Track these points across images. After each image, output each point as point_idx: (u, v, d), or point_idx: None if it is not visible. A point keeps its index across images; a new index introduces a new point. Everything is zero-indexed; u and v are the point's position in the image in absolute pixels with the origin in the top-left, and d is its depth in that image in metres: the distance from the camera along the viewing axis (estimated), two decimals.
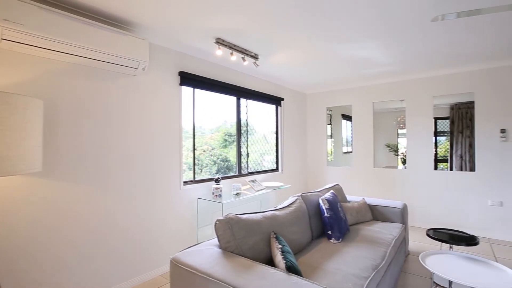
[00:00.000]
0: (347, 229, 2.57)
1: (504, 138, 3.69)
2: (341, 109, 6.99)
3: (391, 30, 2.61)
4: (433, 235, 2.66)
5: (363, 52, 3.22)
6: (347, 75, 4.28)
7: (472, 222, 3.91)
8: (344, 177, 5.04)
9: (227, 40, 2.82)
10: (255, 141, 4.41)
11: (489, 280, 1.96)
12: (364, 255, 2.08)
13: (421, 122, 4.31)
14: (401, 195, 4.46)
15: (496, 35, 2.78)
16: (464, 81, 3.98)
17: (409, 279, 2.65)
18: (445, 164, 7.29)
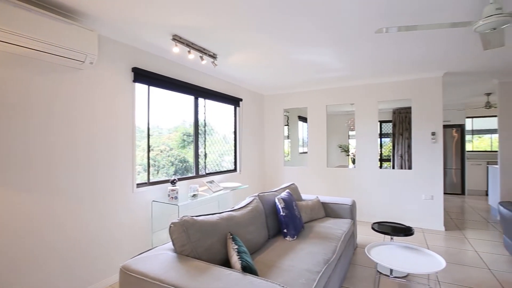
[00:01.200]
0: (302, 226, 2.69)
1: (434, 140, 4.18)
2: (297, 111, 7.27)
3: (343, 38, 2.79)
4: (377, 228, 2.91)
5: (318, 57, 3.38)
6: (303, 79, 4.46)
7: (409, 214, 4.35)
8: (300, 176, 5.25)
9: (185, 37, 2.75)
10: (214, 142, 4.37)
11: (421, 265, 2.21)
12: (317, 250, 2.19)
13: (368, 125, 4.67)
14: (351, 192, 4.78)
15: (427, 50, 3.13)
16: (404, 88, 4.41)
17: (357, 270, 2.85)
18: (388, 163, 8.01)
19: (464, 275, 2.75)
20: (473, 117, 7.22)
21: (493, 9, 1.74)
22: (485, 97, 5.93)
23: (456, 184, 6.96)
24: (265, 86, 5.01)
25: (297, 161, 7.05)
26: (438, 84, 4.16)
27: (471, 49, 3.13)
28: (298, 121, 7.42)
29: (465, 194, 6.89)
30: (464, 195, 6.88)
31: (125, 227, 2.81)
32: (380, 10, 2.21)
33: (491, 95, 5.75)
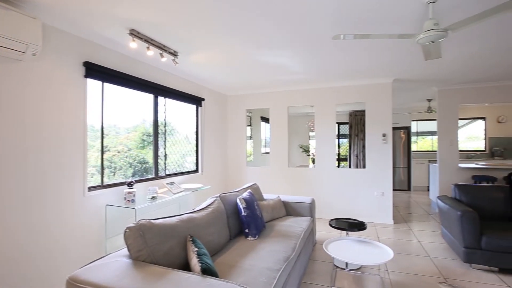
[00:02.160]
0: (263, 225, 2.73)
1: (385, 141, 4.54)
2: (260, 111, 7.36)
3: (304, 43, 2.90)
4: (333, 225, 3.07)
5: (280, 60, 3.46)
6: (265, 80, 4.53)
7: (363, 210, 4.66)
8: (263, 176, 5.32)
9: (143, 32, 2.63)
10: (176, 142, 4.24)
11: (373, 257, 2.38)
12: (277, 249, 2.24)
13: (326, 126, 4.90)
14: (311, 191, 4.97)
15: (379, 57, 3.39)
16: (359, 92, 4.71)
17: (316, 265, 2.98)
18: (345, 162, 8.48)
19: (408, 263, 3.02)
20: (418, 120, 7.96)
21: (431, 24, 1.94)
22: (427, 102, 6.57)
23: (403, 181, 7.61)
24: (228, 86, 4.99)
25: (260, 161, 7.14)
26: (388, 89, 4.51)
27: (416, 59, 3.44)
28: (260, 122, 7.52)
29: (411, 190, 7.56)
30: (410, 190, 7.54)
31: (75, 234, 2.60)
32: (337, 19, 2.34)
33: (432, 100, 6.39)
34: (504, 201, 3.23)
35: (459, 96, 5.05)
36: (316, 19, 2.35)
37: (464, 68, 3.90)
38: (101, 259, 1.60)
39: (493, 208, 3.24)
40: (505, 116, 7.14)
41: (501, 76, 4.40)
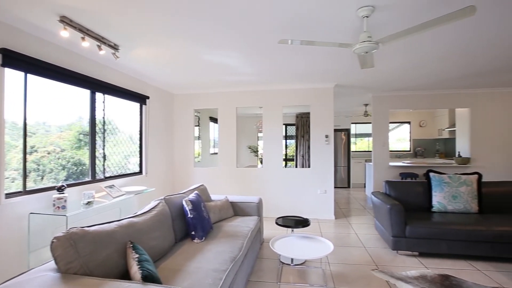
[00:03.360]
0: (211, 227, 2.69)
1: (327, 142, 4.86)
2: (209, 111, 7.25)
3: (252, 46, 2.94)
4: (279, 223, 3.18)
5: (228, 60, 3.46)
6: (214, 80, 4.49)
7: (308, 208, 4.92)
8: (211, 177, 5.25)
9: (77, 21, 2.38)
10: (119, 142, 3.95)
11: (315, 251, 2.52)
12: (224, 249, 2.23)
13: (274, 127, 5.05)
14: (259, 190, 5.07)
15: (322, 63, 3.61)
16: (304, 95, 4.96)
17: (263, 263, 3.04)
18: (292, 162, 8.85)
19: (347, 254, 3.27)
20: (356, 123, 8.71)
21: (365, 37, 2.14)
22: (364, 107, 7.22)
23: (344, 179, 8.24)
24: (175, 85, 4.81)
25: (208, 161, 7.04)
26: (330, 93, 4.85)
27: (354, 67, 3.75)
28: (209, 122, 7.41)
29: (350, 187, 8.22)
30: (350, 188, 8.20)
31: None
32: (284, 25, 2.43)
33: (368, 105, 7.04)
34: (424, 195, 3.71)
35: (390, 102, 5.66)
36: (264, 24, 2.41)
37: (393, 78, 4.39)
38: (23, 275, 1.40)
39: (415, 201, 3.71)
40: (425, 121, 8.23)
41: (423, 87, 5.06)
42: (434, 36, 2.74)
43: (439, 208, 3.55)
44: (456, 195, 3.51)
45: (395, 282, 2.60)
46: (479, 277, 2.70)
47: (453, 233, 3.05)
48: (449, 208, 3.51)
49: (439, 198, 3.57)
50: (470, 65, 3.76)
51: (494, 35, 2.72)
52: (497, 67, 3.83)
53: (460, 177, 3.61)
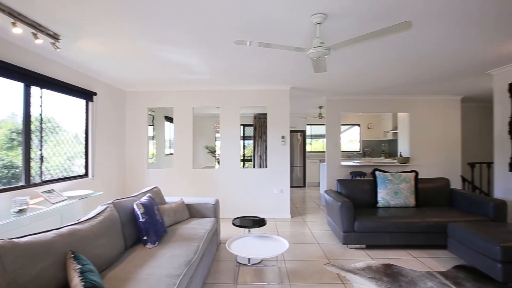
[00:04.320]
0: (164, 231, 2.58)
1: (284, 142, 5.00)
2: (164, 110, 6.97)
3: (208, 45, 2.88)
4: (236, 223, 3.17)
5: (185, 58, 3.35)
6: (169, 78, 4.32)
7: (265, 207, 4.99)
8: (166, 179, 5.04)
9: (6, 3, 2.10)
10: (61, 142, 3.59)
11: (271, 250, 2.57)
12: (179, 253, 2.16)
13: (231, 128, 5.03)
14: (216, 191, 5.00)
15: (279, 66, 3.70)
16: (261, 96, 5.03)
17: (220, 265, 3.00)
18: (250, 163, 8.91)
19: (302, 251, 3.39)
20: (312, 124, 9.09)
21: (318, 42, 2.24)
22: (318, 109, 7.57)
23: (299, 178, 8.54)
24: (127, 82, 4.53)
25: (163, 163, 6.76)
26: (286, 95, 4.98)
27: (309, 71, 3.90)
28: (164, 121, 7.12)
29: (306, 186, 8.55)
30: (305, 187, 8.53)
31: None
32: (242, 26, 2.43)
33: (322, 108, 7.40)
34: (370, 192, 4.01)
35: (342, 105, 6.01)
36: (220, 25, 2.39)
37: (344, 82, 4.67)
38: None
39: (363, 198, 3.99)
40: (373, 123, 8.92)
41: (371, 92, 5.47)
42: (378, 46, 2.98)
43: (383, 203, 3.87)
44: (397, 191, 3.86)
45: (345, 274, 2.76)
46: (415, 264, 3.00)
47: (394, 225, 3.34)
48: (391, 203, 3.84)
49: (383, 195, 3.89)
50: (409, 75, 4.17)
51: (429, 49, 3.05)
52: (432, 77, 4.30)
53: (401, 175, 3.97)
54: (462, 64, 3.70)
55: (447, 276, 2.69)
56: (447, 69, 3.90)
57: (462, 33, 2.67)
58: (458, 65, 3.74)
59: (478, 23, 2.46)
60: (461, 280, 2.62)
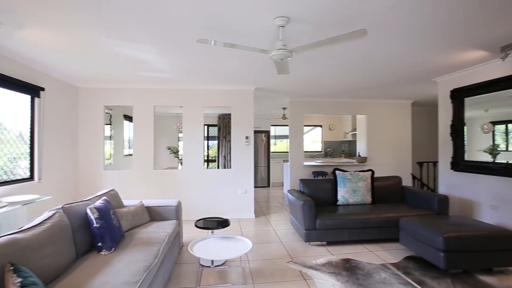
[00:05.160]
0: (122, 236, 2.44)
1: (248, 143, 5.01)
2: (123, 109, 6.61)
3: (170, 42, 2.78)
4: (198, 225, 3.11)
5: (144, 55, 3.20)
6: (127, 75, 4.10)
7: (229, 208, 4.96)
8: (125, 181, 4.78)
9: None
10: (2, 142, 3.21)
11: (234, 250, 2.55)
12: (137, 258, 2.05)
13: (195, 128, 4.93)
14: (179, 193, 4.85)
15: (243, 67, 3.70)
16: (225, 97, 4.99)
17: (182, 268, 2.92)
18: (214, 163, 8.81)
19: (266, 250, 3.42)
20: (276, 125, 9.24)
21: (281, 45, 2.28)
22: (282, 110, 7.73)
23: (264, 178, 8.63)
24: (80, 77, 4.21)
25: (122, 164, 6.40)
26: (251, 96, 5.01)
27: (273, 72, 3.96)
28: (123, 120, 6.75)
29: (270, 186, 8.67)
30: (269, 187, 8.64)
31: None
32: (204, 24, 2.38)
33: (286, 109, 7.56)
34: (331, 190, 4.18)
35: (304, 107, 6.20)
36: (183, 23, 2.32)
37: (307, 85, 4.82)
38: None
39: (324, 196, 4.14)
40: (334, 125, 9.33)
41: (332, 94, 5.72)
42: (337, 52, 3.12)
43: (343, 201, 4.06)
44: (356, 189, 4.08)
45: (306, 271, 2.84)
46: (371, 257, 3.18)
47: (352, 222, 3.52)
48: (350, 201, 4.05)
49: (343, 193, 4.08)
50: (366, 80, 4.43)
51: (383, 57, 3.27)
52: (386, 83, 4.62)
53: (359, 174, 4.20)
54: (412, 72, 4.03)
55: (398, 267, 2.90)
56: (399, 76, 4.22)
57: (412, 44, 2.91)
58: (409, 73, 4.06)
59: (425, 35, 2.70)
60: (411, 270, 2.84)
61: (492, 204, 3.65)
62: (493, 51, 3.18)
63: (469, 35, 2.72)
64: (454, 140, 4.17)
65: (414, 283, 2.57)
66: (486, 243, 2.68)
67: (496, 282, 2.57)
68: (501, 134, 3.63)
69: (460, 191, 4.13)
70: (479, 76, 3.76)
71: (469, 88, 3.90)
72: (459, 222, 2.98)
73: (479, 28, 2.57)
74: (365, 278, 2.66)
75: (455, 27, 2.52)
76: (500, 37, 2.78)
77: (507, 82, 3.35)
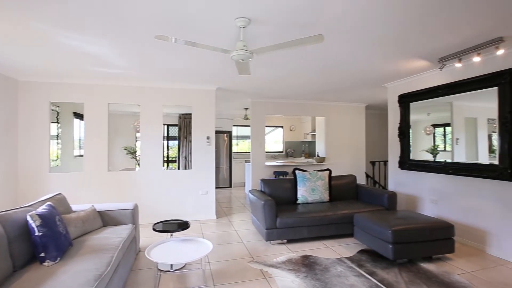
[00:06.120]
0: (70, 244, 2.24)
1: (209, 143, 4.94)
2: (73, 106, 6.10)
3: (125, 36, 2.63)
4: (157, 228, 2.98)
5: (95, 48, 2.98)
6: (77, 69, 3.78)
7: (190, 210, 4.84)
8: (75, 184, 4.40)
9: None
10: None
11: (194, 253, 2.49)
12: (87, 267, 1.90)
13: (153, 127, 4.72)
14: (136, 196, 4.60)
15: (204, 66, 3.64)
16: (186, 96, 4.86)
17: (139, 275, 2.77)
18: (174, 164, 8.54)
19: (227, 251, 3.40)
20: (238, 125, 9.24)
21: (241, 45, 2.29)
22: (244, 111, 7.76)
23: (226, 179, 8.58)
24: (20, 69, 3.78)
25: (72, 166, 5.89)
26: (212, 96, 4.94)
27: (235, 72, 3.95)
28: (73, 118, 6.22)
29: (232, 187, 8.64)
30: (231, 187, 8.61)
31: None
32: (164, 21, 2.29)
33: (248, 109, 7.60)
34: (291, 189, 4.29)
35: (266, 108, 6.29)
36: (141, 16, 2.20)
37: (268, 86, 4.89)
38: None
39: (285, 195, 4.24)
40: (295, 126, 9.61)
41: (292, 96, 5.88)
42: (296, 55, 3.22)
43: (302, 200, 4.19)
44: (314, 188, 4.24)
45: (267, 270, 2.88)
46: (328, 253, 3.33)
47: (311, 220, 3.65)
48: (309, 200, 4.20)
49: (302, 192, 4.21)
50: (323, 83, 4.64)
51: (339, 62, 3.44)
52: (342, 87, 4.88)
53: (317, 173, 4.37)
54: (365, 77, 4.32)
55: (352, 260, 3.08)
56: (354, 80, 4.49)
57: (365, 51, 3.11)
58: (362, 78, 4.34)
59: (376, 44, 2.90)
60: (363, 262, 3.03)
61: (432, 199, 4.05)
62: (433, 62, 3.53)
63: (414, 46, 2.99)
64: (401, 141, 4.55)
65: (367, 274, 2.74)
66: (427, 234, 2.97)
67: (434, 269, 2.86)
68: (440, 136, 4.04)
69: (407, 188, 4.52)
70: (422, 83, 4.15)
71: (413, 94, 4.28)
72: (405, 216, 3.26)
73: (421, 40, 2.84)
74: (323, 273, 2.77)
75: (402, 38, 2.76)
76: (438, 49, 3.10)
77: (444, 90, 3.75)
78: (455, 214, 3.71)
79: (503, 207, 3.15)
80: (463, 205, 3.61)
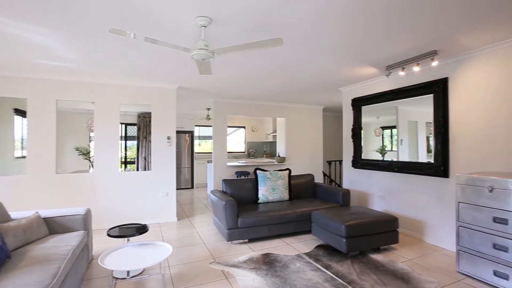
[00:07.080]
0: (7, 256, 2.03)
1: (169, 143, 4.81)
2: (13, 101, 5.49)
3: (76, 27, 2.46)
4: (111, 233, 2.83)
5: (41, 38, 2.74)
6: (18, 61, 3.43)
7: (149, 212, 4.66)
8: (15, 188, 3.97)
9: None
10: None
11: (153, 257, 2.41)
12: (28, 281, 1.74)
13: (109, 126, 4.45)
14: (89, 199, 4.30)
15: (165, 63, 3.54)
16: (145, 94, 4.67)
17: (92, 285, 2.61)
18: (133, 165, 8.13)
19: (188, 253, 3.35)
20: (200, 125, 9.10)
21: (202, 45, 2.28)
22: (206, 110, 7.67)
23: (187, 180, 8.39)
24: None
25: (11, 168, 5.31)
26: (173, 95, 4.82)
27: (196, 71, 3.90)
28: (13, 116, 5.60)
29: (194, 188, 8.49)
30: (193, 188, 8.45)
31: None
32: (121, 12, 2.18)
33: (210, 109, 7.53)
34: (252, 189, 4.36)
35: (228, 108, 6.29)
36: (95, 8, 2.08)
37: (230, 86, 4.90)
38: None
39: (246, 195, 4.30)
40: (257, 126, 9.73)
41: (254, 97, 5.95)
42: (257, 57, 3.29)
43: (263, 199, 4.28)
44: (275, 187, 4.35)
45: (228, 270, 2.90)
46: (288, 249, 3.45)
47: (271, 218, 3.75)
48: (270, 199, 4.30)
49: (263, 191, 4.30)
50: (283, 86, 4.79)
51: (297, 66, 3.59)
52: (300, 89, 5.08)
53: (277, 173, 4.50)
54: (322, 81, 4.55)
55: (310, 256, 3.23)
56: (311, 84, 4.71)
57: (320, 56, 3.28)
58: (319, 81, 4.57)
59: (331, 50, 3.08)
60: (320, 257, 3.19)
61: (381, 195, 4.41)
62: (381, 69, 3.85)
63: (365, 54, 3.24)
64: (354, 141, 4.87)
65: (323, 268, 2.90)
66: (375, 227, 3.23)
67: (382, 258, 3.12)
68: (388, 137, 4.42)
69: (359, 185, 4.86)
70: (373, 88, 4.50)
71: (365, 98, 4.62)
72: (357, 212, 3.51)
73: (371, 49, 3.08)
74: (282, 269, 2.87)
75: (353, 45, 2.97)
76: (386, 58, 3.39)
77: (391, 95, 4.11)
78: (400, 208, 4.09)
79: (437, 200, 3.55)
80: (406, 200, 3.99)
